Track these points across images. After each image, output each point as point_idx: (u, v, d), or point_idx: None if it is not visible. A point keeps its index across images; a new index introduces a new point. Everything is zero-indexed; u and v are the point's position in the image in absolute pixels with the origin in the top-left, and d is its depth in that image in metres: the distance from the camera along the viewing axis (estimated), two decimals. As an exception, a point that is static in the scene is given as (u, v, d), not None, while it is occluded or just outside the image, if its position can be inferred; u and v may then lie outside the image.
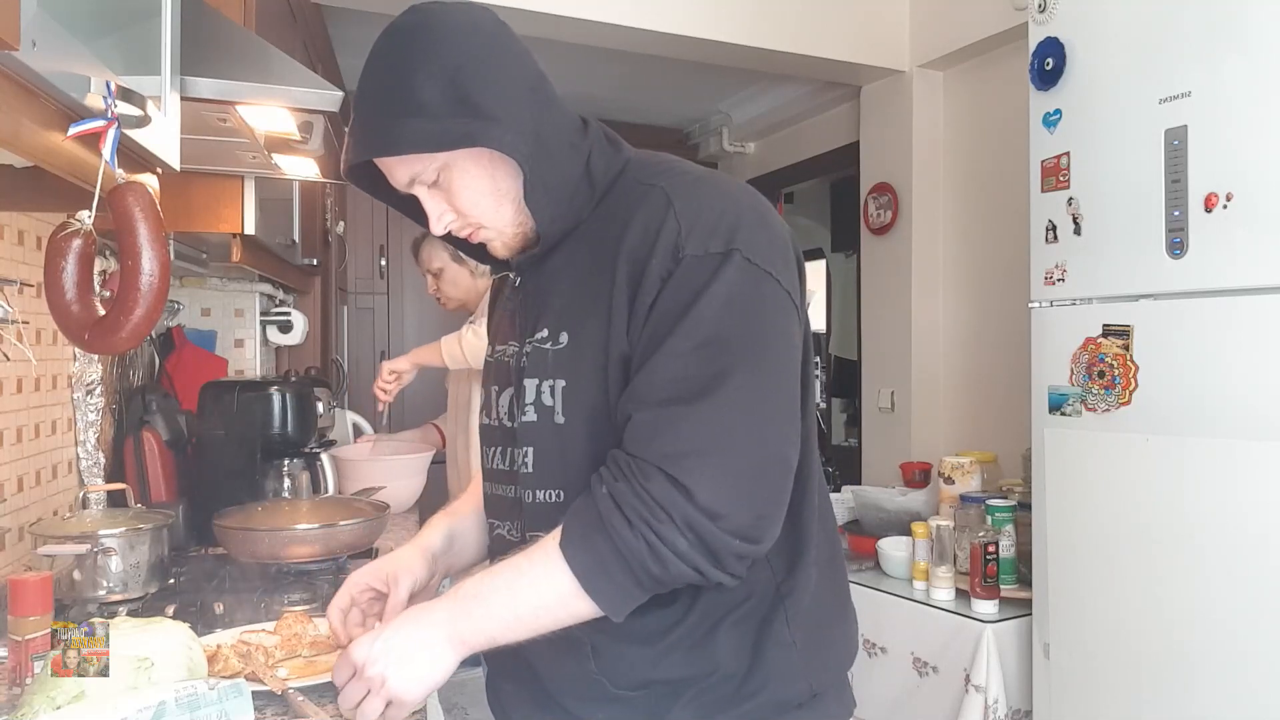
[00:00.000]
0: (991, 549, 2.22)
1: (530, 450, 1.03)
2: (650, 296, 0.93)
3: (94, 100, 0.88)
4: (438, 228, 1.03)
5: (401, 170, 1.00)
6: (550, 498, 1.02)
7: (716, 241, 0.93)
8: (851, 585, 2.67)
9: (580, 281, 1.00)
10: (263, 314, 2.86)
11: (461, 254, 2.63)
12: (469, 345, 2.39)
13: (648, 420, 0.90)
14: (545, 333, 1.02)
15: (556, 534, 0.92)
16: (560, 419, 0.99)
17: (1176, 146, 1.79)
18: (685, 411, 0.89)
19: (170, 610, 1.49)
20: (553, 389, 1.00)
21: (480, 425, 1.16)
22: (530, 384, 1.02)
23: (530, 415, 1.02)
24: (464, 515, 1.26)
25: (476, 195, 1.00)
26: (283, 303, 3.12)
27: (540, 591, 0.92)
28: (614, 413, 0.96)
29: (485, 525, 1.26)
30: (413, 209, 1.07)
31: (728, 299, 0.92)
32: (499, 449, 1.10)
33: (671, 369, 0.91)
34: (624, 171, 1.04)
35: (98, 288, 1.15)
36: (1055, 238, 2.03)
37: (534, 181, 0.97)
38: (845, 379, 5.41)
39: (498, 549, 1.11)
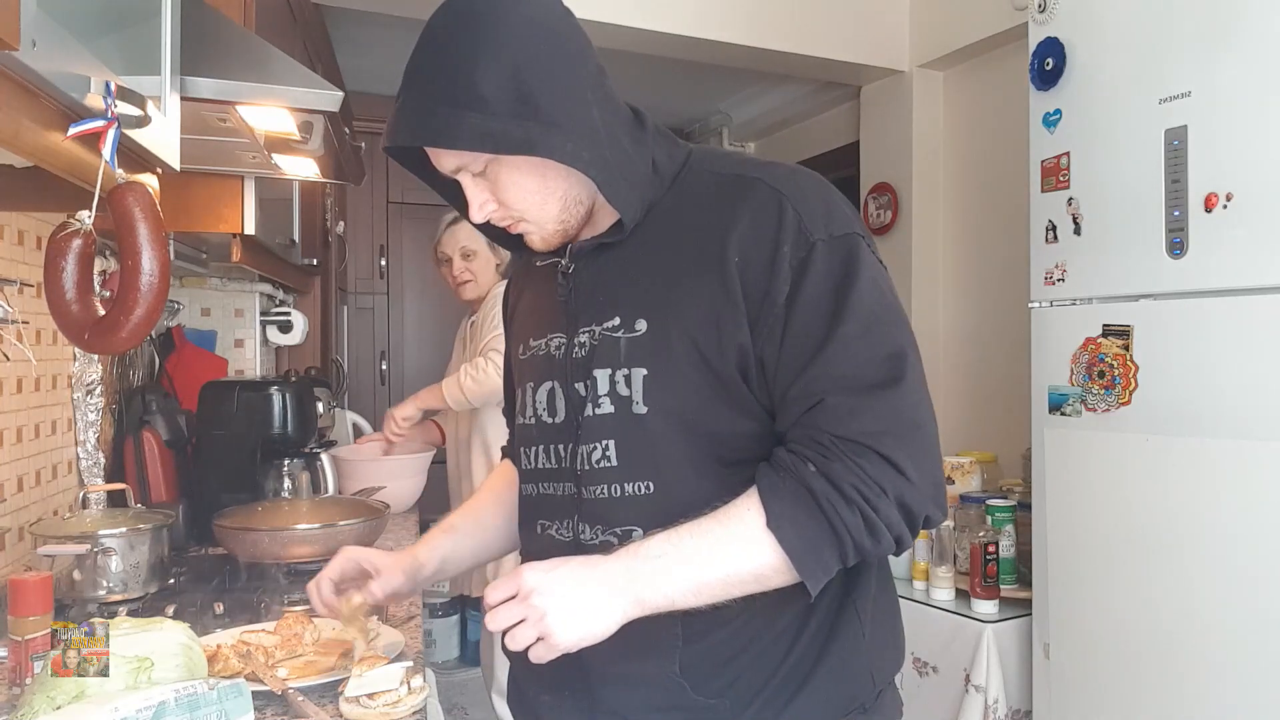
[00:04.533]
0: (991, 549, 2.22)
1: (611, 443, 0.99)
2: (786, 285, 0.93)
3: (94, 100, 0.88)
4: (478, 216, 1.01)
5: (449, 159, 0.98)
6: (640, 490, 0.99)
7: (835, 225, 0.96)
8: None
9: (660, 270, 0.99)
10: (262, 314, 2.86)
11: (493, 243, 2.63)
12: (470, 390, 2.41)
13: (844, 403, 0.91)
14: (616, 320, 1.00)
15: (756, 510, 0.91)
16: (641, 408, 0.97)
17: (1176, 146, 1.79)
18: (880, 393, 0.92)
19: (170, 610, 1.49)
20: (628, 378, 0.98)
21: (517, 427, 1.13)
22: (602, 375, 1.00)
23: (606, 407, 0.99)
24: (461, 534, 1.26)
25: (524, 192, 0.98)
26: (283, 303, 3.12)
27: (737, 564, 0.91)
28: (697, 397, 0.96)
29: (483, 546, 1.27)
30: (451, 191, 1.04)
31: (871, 280, 0.95)
32: (540, 447, 1.07)
33: (852, 353, 0.92)
34: (689, 163, 1.04)
35: (98, 288, 1.15)
36: (1055, 238, 2.03)
37: (610, 183, 0.96)
38: (845, 379, 5.41)
39: (545, 550, 1.05)
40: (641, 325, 0.98)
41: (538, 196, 0.99)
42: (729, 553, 0.91)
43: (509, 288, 1.27)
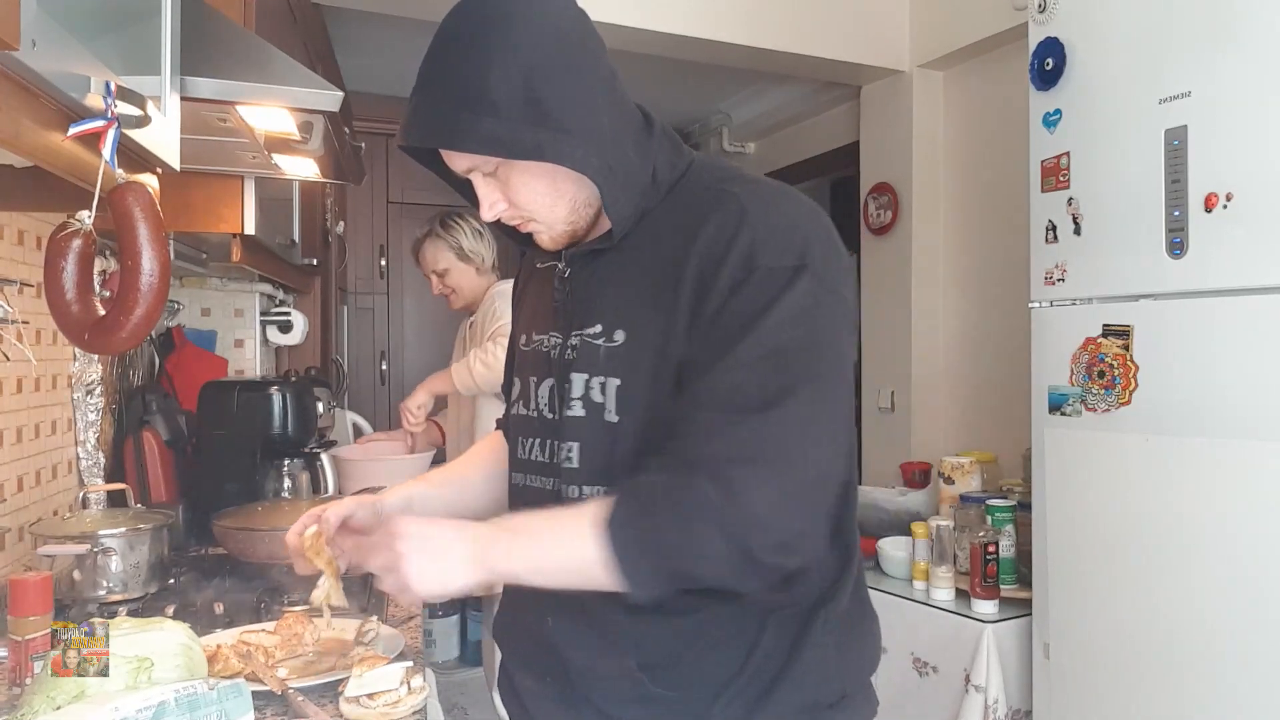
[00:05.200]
0: (991, 549, 2.22)
1: (576, 446, 1.02)
2: (717, 302, 0.93)
3: (94, 100, 0.88)
4: (489, 215, 1.03)
5: (461, 159, 1.00)
6: (597, 494, 1.01)
7: (790, 256, 0.93)
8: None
9: (641, 280, 1.00)
10: (263, 314, 2.86)
11: (467, 251, 2.66)
12: (479, 375, 2.43)
13: (707, 423, 0.91)
14: (598, 328, 1.02)
15: (600, 507, 0.93)
16: (613, 417, 0.99)
17: (1176, 146, 1.79)
18: (744, 420, 0.89)
19: (170, 610, 1.49)
20: (603, 386, 1.00)
21: (515, 416, 1.15)
22: (579, 379, 1.02)
23: (578, 410, 1.02)
24: (433, 484, 1.30)
25: (534, 194, 1.00)
26: (283, 303, 3.12)
27: (571, 555, 0.93)
28: (665, 411, 0.97)
29: (456, 499, 1.30)
30: (465, 186, 1.06)
31: (797, 314, 0.92)
32: (537, 440, 1.09)
33: (736, 377, 0.91)
34: (688, 174, 1.04)
35: (98, 288, 1.15)
36: (1055, 238, 2.03)
37: (612, 191, 0.97)
38: (845, 379, 5.40)
39: None
40: (620, 336, 1.00)
41: (548, 199, 1.00)
42: (566, 542, 0.93)
43: (519, 274, 1.29)
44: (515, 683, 1.17)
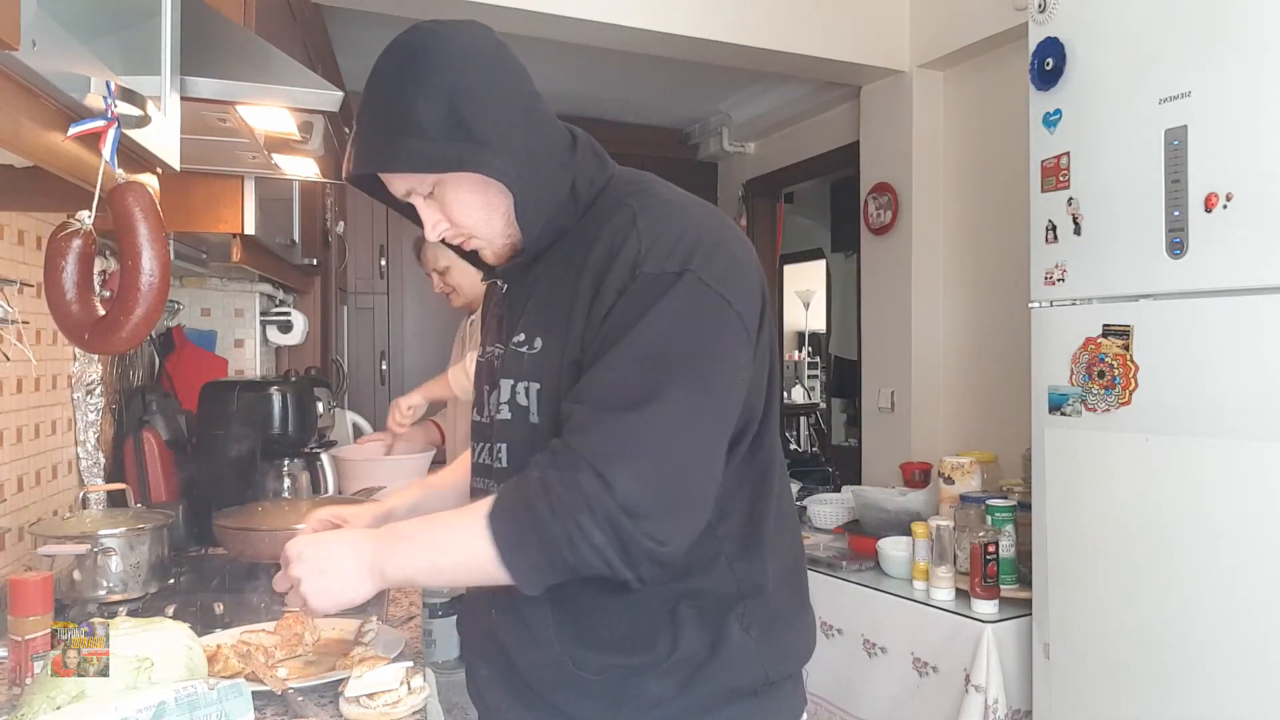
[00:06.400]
0: (991, 549, 2.22)
1: (504, 446, 1.10)
2: (605, 307, 1.00)
3: (94, 100, 0.88)
4: (432, 235, 1.10)
5: (399, 183, 1.07)
6: None
7: (673, 262, 0.99)
8: (851, 585, 2.66)
9: (553, 290, 1.07)
10: (263, 314, 2.86)
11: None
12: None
13: (585, 418, 0.96)
14: (522, 337, 1.09)
15: (488, 502, 0.98)
16: (535, 419, 1.06)
17: (1176, 146, 1.79)
18: (619, 416, 0.95)
19: (170, 610, 1.49)
20: (527, 390, 1.07)
21: (472, 423, 1.21)
22: (506, 384, 1.09)
23: (504, 414, 1.09)
24: (436, 488, 1.37)
25: (468, 210, 1.07)
26: (283, 303, 3.12)
27: (462, 551, 0.98)
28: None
29: (457, 495, 1.35)
30: (412, 212, 1.12)
31: (674, 317, 0.98)
32: (487, 445, 1.15)
33: (612, 375, 0.97)
34: (606, 188, 1.10)
35: (98, 288, 1.15)
36: (1055, 238, 2.03)
37: (524, 202, 1.04)
38: (845, 379, 5.41)
39: None
40: (538, 343, 1.07)
41: (482, 214, 1.07)
42: (459, 539, 0.99)
43: (485, 293, 1.35)
44: (474, 672, 1.23)
